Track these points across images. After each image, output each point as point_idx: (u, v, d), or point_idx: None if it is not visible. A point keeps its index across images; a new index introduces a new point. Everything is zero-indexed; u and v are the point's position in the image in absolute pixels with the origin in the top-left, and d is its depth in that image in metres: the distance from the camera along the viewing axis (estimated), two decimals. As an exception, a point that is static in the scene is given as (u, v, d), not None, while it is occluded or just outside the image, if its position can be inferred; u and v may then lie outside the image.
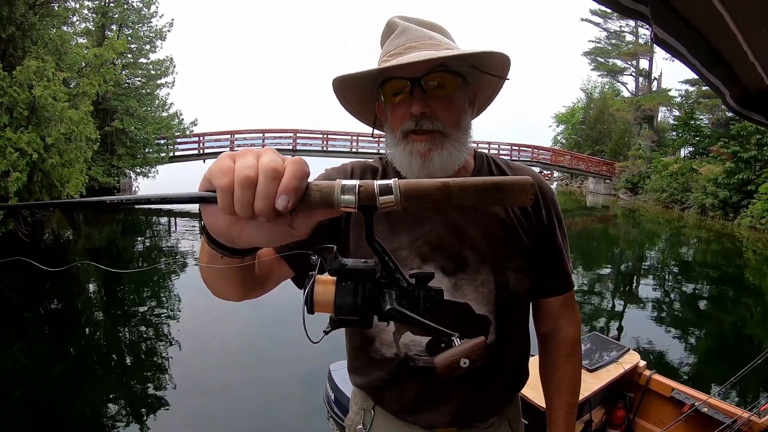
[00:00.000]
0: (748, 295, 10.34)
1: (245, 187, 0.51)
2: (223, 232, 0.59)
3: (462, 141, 1.08)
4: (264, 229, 0.57)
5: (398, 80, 1.04)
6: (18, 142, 9.73)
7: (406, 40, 1.06)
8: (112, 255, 10.55)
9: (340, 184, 0.56)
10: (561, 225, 1.26)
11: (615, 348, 3.77)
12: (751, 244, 16.31)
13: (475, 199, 0.59)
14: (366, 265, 0.65)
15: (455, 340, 0.65)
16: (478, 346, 0.63)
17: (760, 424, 3.03)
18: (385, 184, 0.57)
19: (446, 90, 1.04)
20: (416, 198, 0.57)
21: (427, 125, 1.04)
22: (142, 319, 7.01)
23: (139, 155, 19.73)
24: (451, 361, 0.62)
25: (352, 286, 0.64)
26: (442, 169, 1.05)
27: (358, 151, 25.94)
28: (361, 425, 1.25)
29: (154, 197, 0.56)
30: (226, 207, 0.53)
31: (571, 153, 32.99)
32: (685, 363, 6.26)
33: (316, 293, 0.64)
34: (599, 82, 39.91)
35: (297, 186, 0.53)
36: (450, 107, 1.05)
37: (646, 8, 0.91)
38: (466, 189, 0.58)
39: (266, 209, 0.52)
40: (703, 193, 22.17)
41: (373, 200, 0.56)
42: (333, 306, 0.64)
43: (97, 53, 13.20)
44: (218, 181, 0.52)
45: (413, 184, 0.57)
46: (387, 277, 0.66)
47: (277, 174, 0.52)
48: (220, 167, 0.53)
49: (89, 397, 4.89)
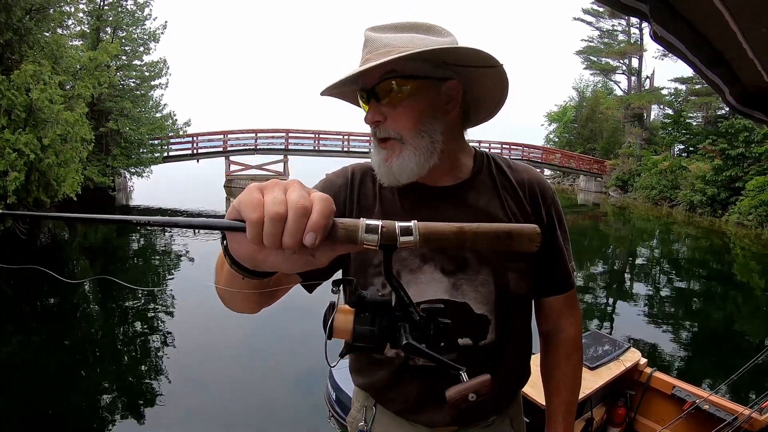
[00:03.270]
0: (744, 291, 10.44)
1: (276, 222, 0.53)
2: (248, 258, 0.61)
3: (421, 146, 1.05)
4: (287, 258, 0.59)
5: (362, 91, 1.06)
6: (16, 143, 10.05)
7: (367, 52, 1.05)
8: (108, 252, 10.64)
9: (364, 224, 0.59)
10: (562, 224, 1.26)
11: (616, 345, 3.78)
12: (739, 240, 16.44)
13: (487, 244, 0.63)
14: (383, 299, 0.69)
15: (463, 375, 0.67)
16: (486, 383, 0.66)
17: (761, 421, 3.03)
18: (406, 226, 0.60)
19: (400, 95, 1.03)
20: (433, 240, 0.61)
21: (380, 134, 1.06)
22: (140, 320, 7.02)
23: (134, 155, 19.82)
24: (461, 395, 0.65)
25: (369, 316, 0.68)
26: (402, 174, 1.06)
27: (349, 151, 26.06)
28: (363, 422, 1.27)
29: (182, 222, 0.58)
30: (254, 239, 0.55)
31: (562, 151, 32.90)
32: (685, 360, 6.31)
33: (337, 321, 0.67)
34: (592, 81, 39.75)
35: (325, 224, 0.55)
36: (404, 113, 1.04)
37: (646, 6, 0.92)
38: (479, 235, 0.62)
39: (294, 244, 0.54)
40: (692, 191, 22.12)
41: (393, 240, 0.60)
42: (351, 333, 0.67)
43: (92, 57, 13.44)
44: (249, 214, 0.54)
45: (431, 227, 0.61)
46: (401, 310, 0.69)
47: (306, 211, 0.54)
48: (251, 200, 0.54)
49: (87, 390, 4.94)
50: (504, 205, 1.17)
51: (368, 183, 1.19)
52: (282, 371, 5.40)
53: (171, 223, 0.58)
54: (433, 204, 1.15)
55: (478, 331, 1.13)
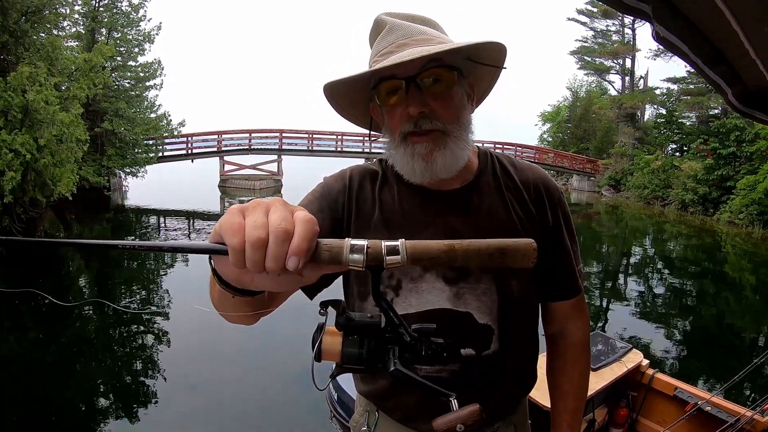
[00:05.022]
0: (737, 290, 10.47)
1: (256, 248, 0.52)
2: (234, 279, 0.61)
3: (463, 137, 1.04)
4: (274, 279, 0.58)
5: (393, 80, 0.99)
6: (12, 144, 10.20)
7: (396, 38, 1.00)
8: (102, 256, 10.66)
9: (349, 244, 0.58)
10: (569, 225, 1.20)
11: (618, 346, 3.75)
12: (730, 239, 16.55)
13: (479, 262, 0.61)
14: (371, 321, 0.67)
15: (452, 402, 0.65)
16: (474, 414, 0.63)
17: (763, 423, 3.00)
18: (392, 245, 0.58)
19: (443, 86, 0.99)
20: (422, 260, 0.60)
21: (426, 125, 0.99)
22: (142, 318, 7.04)
23: (129, 155, 19.92)
24: (449, 426, 0.62)
25: (358, 339, 0.66)
26: (446, 169, 1.02)
27: (343, 150, 26.10)
28: (366, 427, 1.24)
29: (167, 246, 0.58)
30: (237, 263, 0.54)
31: (555, 151, 32.91)
32: (685, 359, 6.32)
33: (324, 343, 0.66)
34: (586, 81, 39.70)
35: (307, 248, 0.54)
36: (449, 104, 1.01)
37: (648, 6, 0.92)
38: (471, 252, 0.60)
39: (277, 269, 0.53)
40: (684, 189, 22.24)
41: (380, 261, 0.58)
42: (340, 356, 0.66)
43: (87, 58, 13.53)
44: (230, 239, 0.53)
45: (419, 246, 0.60)
46: (391, 332, 0.67)
47: (287, 236, 0.53)
48: (232, 225, 0.53)
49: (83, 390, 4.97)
50: (509, 208, 1.13)
51: (367, 187, 1.15)
52: (282, 371, 5.40)
53: (155, 247, 0.59)
54: (436, 209, 1.11)
55: (482, 341, 1.09)
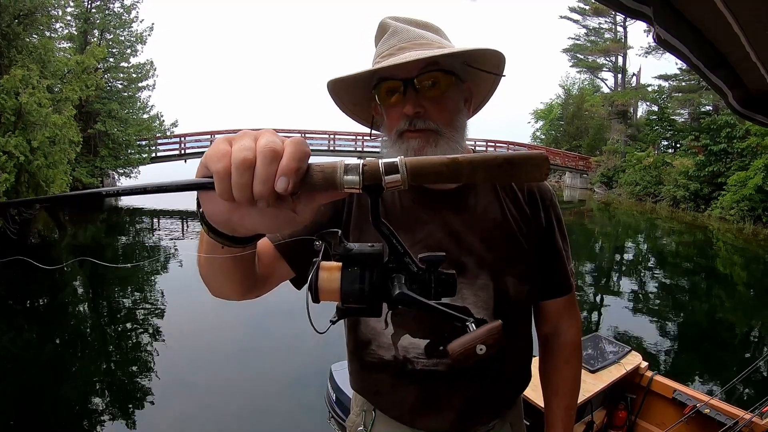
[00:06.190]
0: (730, 287, 10.50)
1: (243, 170, 0.49)
2: (223, 219, 0.57)
3: (456, 140, 1.06)
4: (266, 215, 0.54)
5: (392, 81, 1.03)
6: (6, 146, 10.27)
7: (398, 41, 1.05)
8: (97, 253, 10.71)
9: (343, 164, 0.54)
10: (561, 226, 1.24)
11: (617, 349, 3.74)
12: (721, 234, 16.65)
13: (486, 176, 0.56)
14: (373, 249, 0.61)
15: (470, 326, 0.59)
16: (495, 330, 0.58)
17: (762, 426, 2.97)
18: (390, 162, 0.54)
19: (439, 89, 1.03)
20: (424, 176, 0.55)
21: (420, 125, 1.02)
22: (138, 318, 7.04)
23: (122, 156, 20.00)
24: (466, 348, 0.56)
25: (358, 271, 0.60)
26: None
27: (335, 149, 26.26)
28: (362, 426, 1.24)
29: (151, 186, 0.53)
30: (223, 192, 0.50)
31: (547, 148, 33.03)
32: (679, 357, 6.37)
33: (321, 280, 0.59)
34: (578, 79, 39.73)
35: (297, 167, 0.50)
36: (443, 106, 1.04)
37: (649, 9, 0.92)
38: (476, 165, 0.55)
39: (266, 192, 0.50)
40: (675, 186, 22.37)
41: (378, 179, 0.54)
42: (339, 293, 0.59)
43: (79, 60, 13.57)
44: (215, 165, 0.50)
45: (421, 161, 0.55)
46: (396, 262, 0.62)
47: (276, 155, 0.50)
48: (217, 151, 0.51)
49: (78, 389, 5.00)
50: (504, 208, 1.15)
51: None
52: (281, 371, 5.38)
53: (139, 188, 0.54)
54: (433, 208, 1.13)
55: None
